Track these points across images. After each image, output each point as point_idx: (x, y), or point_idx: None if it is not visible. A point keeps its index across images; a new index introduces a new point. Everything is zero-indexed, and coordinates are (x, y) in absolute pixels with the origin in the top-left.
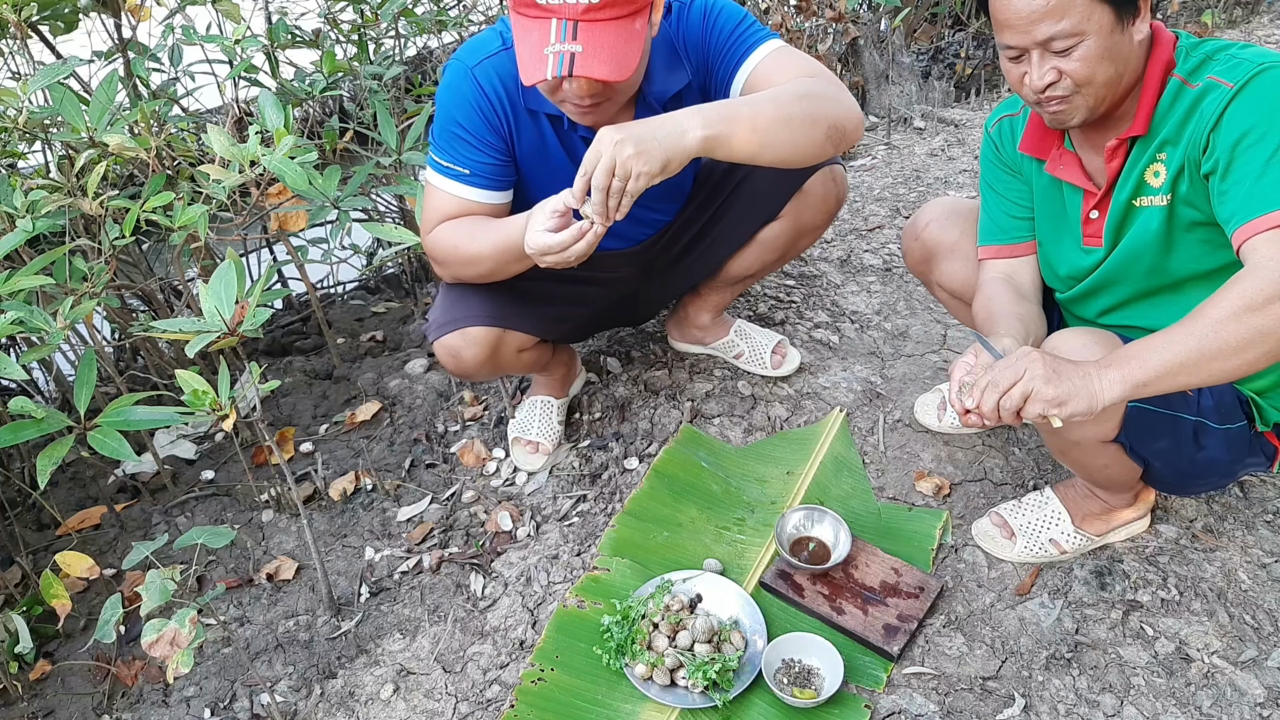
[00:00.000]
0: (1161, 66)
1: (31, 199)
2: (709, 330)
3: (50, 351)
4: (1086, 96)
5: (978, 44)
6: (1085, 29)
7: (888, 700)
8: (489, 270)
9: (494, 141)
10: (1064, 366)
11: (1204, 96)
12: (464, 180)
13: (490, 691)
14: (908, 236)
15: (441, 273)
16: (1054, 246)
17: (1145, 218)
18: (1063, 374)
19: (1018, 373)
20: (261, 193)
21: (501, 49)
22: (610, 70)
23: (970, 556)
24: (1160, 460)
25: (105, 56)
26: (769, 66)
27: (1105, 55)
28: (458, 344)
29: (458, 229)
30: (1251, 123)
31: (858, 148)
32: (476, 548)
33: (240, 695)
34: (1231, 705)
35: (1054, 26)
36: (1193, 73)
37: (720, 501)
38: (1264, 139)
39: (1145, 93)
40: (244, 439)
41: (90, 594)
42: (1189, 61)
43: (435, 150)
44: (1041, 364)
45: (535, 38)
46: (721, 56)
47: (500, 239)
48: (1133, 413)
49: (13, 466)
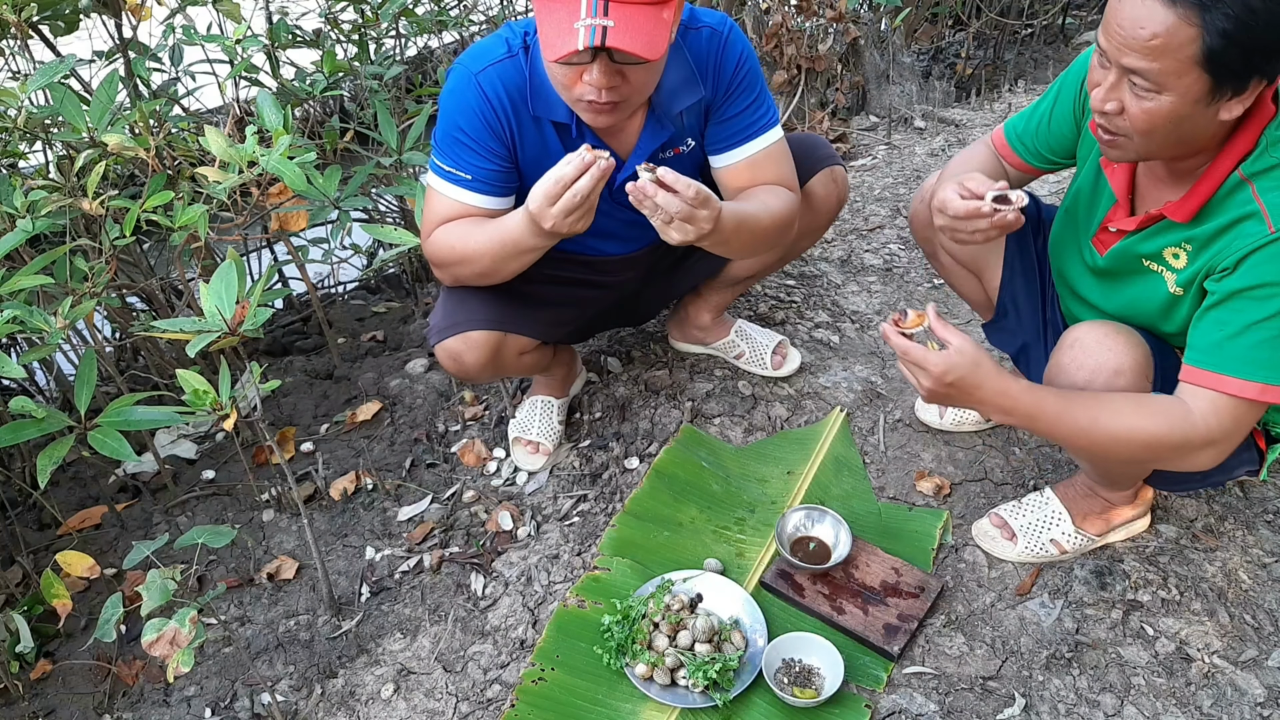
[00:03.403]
0: (1234, 159)
1: (32, 199)
2: (710, 330)
3: (51, 351)
4: (1139, 147)
5: (978, 44)
6: (1169, 85)
7: (888, 700)
8: (486, 268)
9: (496, 148)
10: (958, 390)
11: (1247, 220)
12: (465, 185)
13: (491, 691)
14: (917, 201)
15: (440, 275)
16: (1068, 237)
17: (1153, 284)
18: (945, 397)
19: (923, 366)
20: (262, 193)
21: (507, 56)
22: (643, 47)
23: (971, 556)
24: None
25: (106, 56)
26: (764, 160)
27: (1176, 121)
28: (459, 348)
29: (455, 229)
30: (1266, 279)
31: (858, 148)
32: (477, 547)
33: (241, 695)
34: (1232, 705)
35: (1141, 62)
36: (1260, 174)
37: (721, 501)
38: (1264, 301)
39: (1203, 182)
40: (245, 439)
41: (91, 593)
42: (1263, 159)
43: (437, 155)
44: (938, 384)
45: (564, 13)
46: (733, 112)
47: (497, 233)
48: None
49: (13, 466)
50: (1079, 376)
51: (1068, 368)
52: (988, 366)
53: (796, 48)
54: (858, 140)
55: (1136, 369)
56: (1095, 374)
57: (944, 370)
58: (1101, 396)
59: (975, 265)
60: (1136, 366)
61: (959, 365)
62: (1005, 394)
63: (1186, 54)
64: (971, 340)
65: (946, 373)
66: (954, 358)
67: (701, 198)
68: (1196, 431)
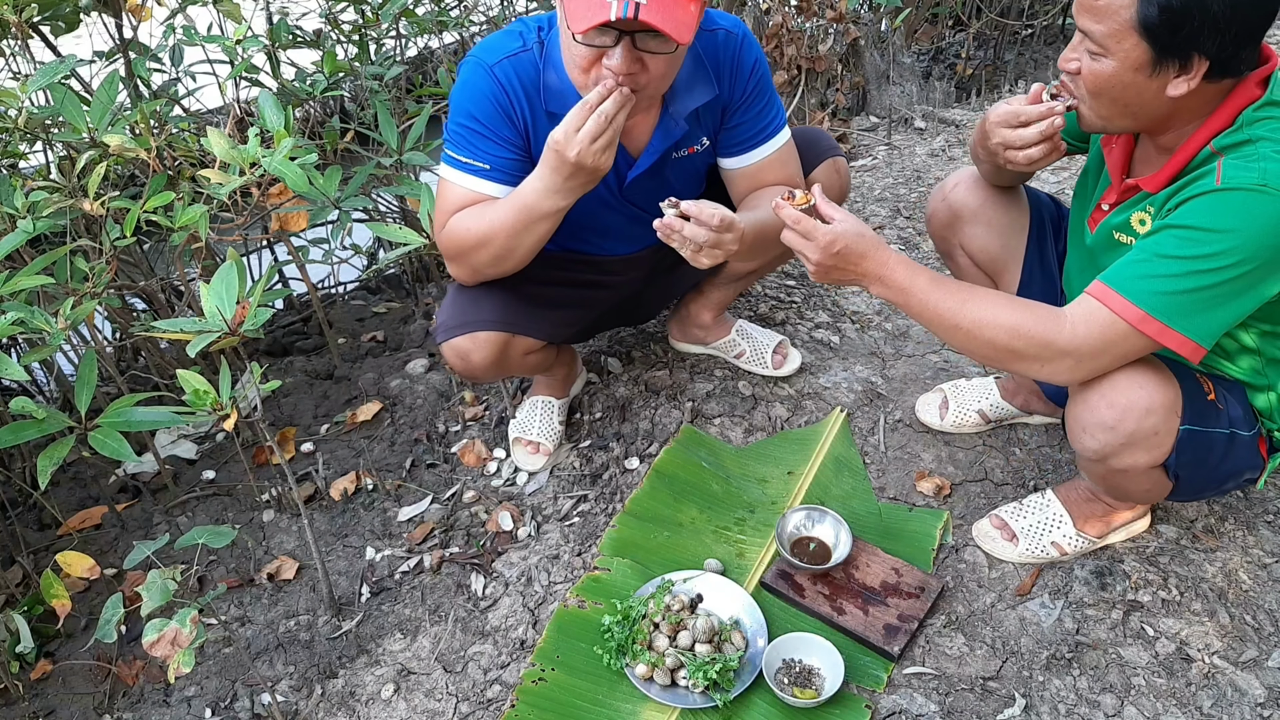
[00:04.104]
0: (1209, 134)
1: (32, 199)
2: (710, 330)
3: (51, 352)
4: (1093, 110)
5: (978, 44)
6: (1111, 49)
7: (888, 700)
8: (502, 247)
9: (513, 136)
10: (843, 260)
11: (1201, 178)
12: (483, 175)
13: (491, 691)
14: (934, 199)
15: (456, 270)
16: (1075, 220)
17: (1120, 255)
18: (832, 269)
19: (810, 237)
20: (263, 193)
21: (521, 49)
22: (673, 27)
23: (971, 557)
24: (1190, 472)
25: (106, 56)
26: (773, 162)
27: (1120, 87)
28: (467, 347)
29: (468, 214)
30: (1195, 223)
31: (858, 148)
32: (477, 548)
33: (241, 695)
34: (1232, 705)
35: (1089, 22)
36: (1230, 149)
37: (721, 501)
38: (1185, 242)
39: (1178, 155)
40: (245, 439)
41: (91, 594)
42: (1236, 135)
43: (451, 147)
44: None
45: None
46: (746, 118)
47: (513, 203)
48: (1184, 436)
49: (14, 466)
50: (1109, 416)
51: (1095, 404)
52: (870, 238)
53: (797, 48)
54: (858, 140)
55: (1167, 406)
56: (1126, 411)
57: (831, 239)
58: (978, 289)
59: (994, 267)
60: (1167, 404)
61: (844, 235)
62: (885, 265)
63: (1124, 18)
64: (855, 217)
65: (833, 242)
66: (839, 228)
67: (726, 223)
68: (1062, 335)
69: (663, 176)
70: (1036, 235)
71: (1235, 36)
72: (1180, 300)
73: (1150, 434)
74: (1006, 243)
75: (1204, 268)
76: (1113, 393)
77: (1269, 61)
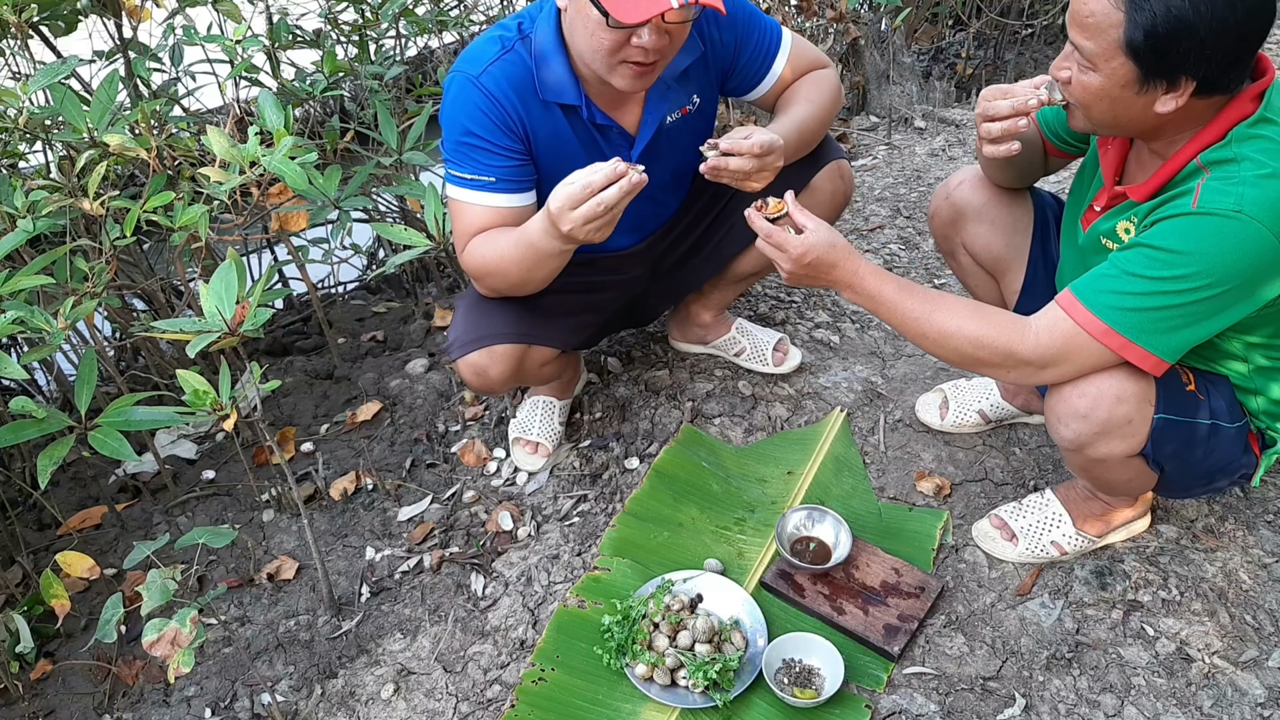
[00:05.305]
0: (1199, 147)
1: (32, 199)
2: (711, 329)
3: (51, 351)
4: (1082, 117)
5: (979, 44)
6: (1098, 65)
7: (888, 700)
8: (517, 279)
9: (511, 144)
10: (814, 269)
11: (1180, 196)
12: (490, 189)
13: (491, 691)
14: (938, 197)
15: (479, 289)
16: (1070, 216)
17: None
18: (804, 278)
19: (783, 248)
20: (262, 193)
21: (504, 52)
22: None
23: (971, 556)
24: (1175, 464)
25: (106, 56)
26: (790, 65)
27: (1108, 101)
28: (484, 362)
29: (484, 242)
30: (1167, 245)
31: (858, 148)
32: (477, 548)
33: (241, 695)
34: (1232, 705)
35: (1079, 38)
36: (1216, 164)
37: (721, 501)
38: (1155, 264)
39: (1166, 166)
40: (245, 439)
41: (91, 594)
42: (1223, 151)
43: (453, 166)
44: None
45: None
46: (747, 56)
47: (520, 240)
48: (1159, 425)
49: (14, 466)
50: (1080, 404)
51: (1068, 394)
52: (842, 248)
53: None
54: (858, 140)
55: (1139, 395)
56: (1097, 400)
57: (803, 251)
58: (947, 296)
59: (997, 267)
60: (1139, 393)
61: (816, 246)
62: (855, 274)
63: (1112, 38)
64: (827, 225)
65: (805, 254)
66: (811, 239)
67: (766, 146)
68: (1025, 344)
69: (660, 148)
70: (1041, 235)
71: (1221, 61)
72: (1144, 318)
73: (1124, 422)
74: (1010, 242)
75: (1171, 289)
76: (1084, 382)
77: (1266, 75)
